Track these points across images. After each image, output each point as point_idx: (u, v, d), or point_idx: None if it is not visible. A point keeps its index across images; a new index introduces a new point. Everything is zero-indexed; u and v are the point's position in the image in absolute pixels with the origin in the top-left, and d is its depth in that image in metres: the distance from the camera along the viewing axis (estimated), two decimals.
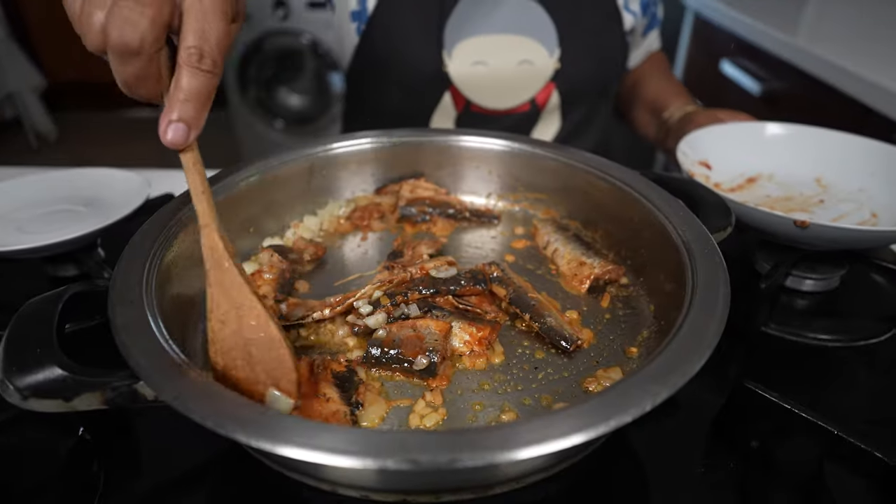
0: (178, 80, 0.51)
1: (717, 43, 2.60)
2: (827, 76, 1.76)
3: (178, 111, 0.51)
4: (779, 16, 2.26)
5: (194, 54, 0.50)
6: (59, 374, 0.46)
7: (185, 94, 0.51)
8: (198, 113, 0.52)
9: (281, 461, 0.49)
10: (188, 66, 0.50)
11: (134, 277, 0.55)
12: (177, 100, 0.51)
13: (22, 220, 0.85)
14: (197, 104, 0.52)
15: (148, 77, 0.51)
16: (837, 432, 0.54)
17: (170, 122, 0.52)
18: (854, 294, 0.84)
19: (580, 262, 0.74)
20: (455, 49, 1.10)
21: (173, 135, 0.52)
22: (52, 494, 0.56)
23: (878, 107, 1.58)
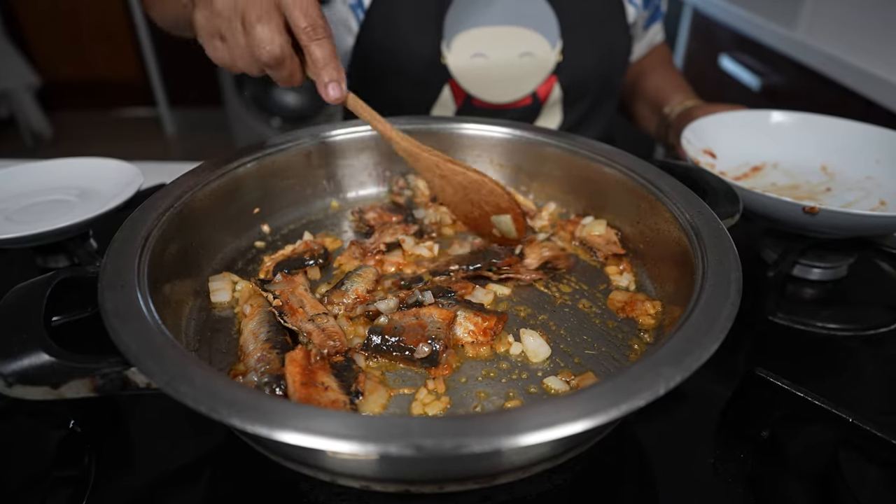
0: (310, 55, 0.66)
1: (717, 38, 2.60)
2: (827, 69, 1.75)
3: (325, 75, 0.67)
4: (777, 10, 2.26)
5: (310, 30, 0.64)
6: (45, 359, 0.44)
7: (322, 60, 0.66)
8: (337, 69, 0.67)
9: (278, 449, 0.47)
10: (312, 41, 0.65)
11: (125, 262, 0.53)
12: (319, 68, 0.67)
13: (11, 210, 0.83)
14: (333, 63, 0.67)
15: (294, 69, 0.67)
16: (853, 420, 0.52)
17: (325, 85, 0.68)
18: (862, 283, 0.82)
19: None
20: (454, 41, 1.08)
21: (333, 92, 0.68)
22: (43, 488, 0.54)
23: (878, 99, 1.57)
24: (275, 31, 0.63)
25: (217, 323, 0.64)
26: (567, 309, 0.67)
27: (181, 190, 0.66)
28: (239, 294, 0.66)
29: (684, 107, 1.18)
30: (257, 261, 0.74)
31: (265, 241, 0.78)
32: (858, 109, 1.67)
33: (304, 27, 0.64)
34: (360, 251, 0.72)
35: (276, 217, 0.80)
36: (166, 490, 0.54)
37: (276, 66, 0.65)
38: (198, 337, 0.61)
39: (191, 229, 0.66)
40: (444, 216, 0.81)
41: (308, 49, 0.65)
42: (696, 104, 1.18)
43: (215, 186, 0.70)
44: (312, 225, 0.82)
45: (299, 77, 0.68)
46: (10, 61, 4.68)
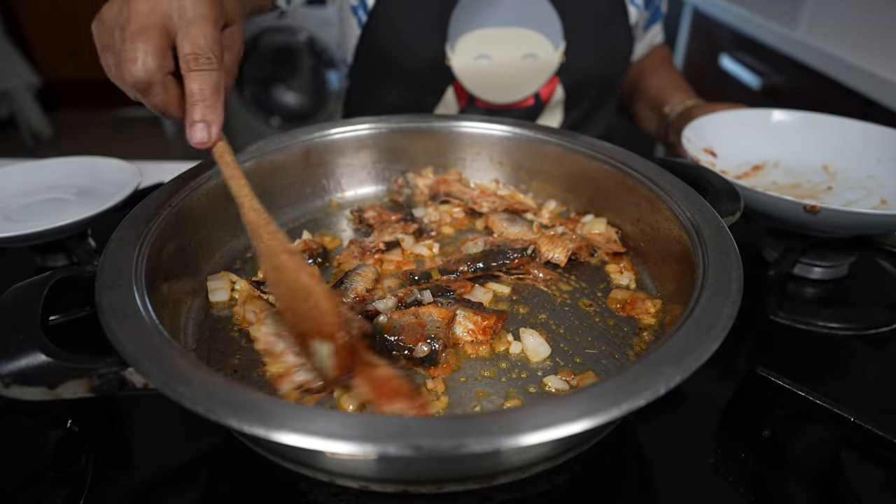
0: (187, 88, 0.57)
1: (717, 37, 2.60)
2: (828, 69, 1.74)
3: (194, 114, 0.58)
4: (778, 9, 2.26)
5: (191, 59, 0.56)
6: (42, 360, 0.44)
7: (196, 95, 0.57)
8: (212, 109, 0.58)
9: (276, 449, 0.47)
10: (189, 72, 0.57)
11: (123, 262, 0.53)
12: (191, 104, 0.57)
13: (9, 209, 0.83)
14: (209, 101, 0.58)
15: (170, 100, 0.59)
16: (855, 419, 0.52)
17: (192, 124, 0.58)
18: (863, 282, 0.82)
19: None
20: (458, 42, 1.08)
21: (198, 134, 0.59)
22: (40, 488, 0.54)
23: (879, 98, 1.57)
24: (148, 53, 0.55)
25: (215, 322, 0.64)
26: (567, 308, 0.67)
27: (179, 189, 0.66)
28: (237, 293, 0.66)
29: (685, 106, 1.17)
30: (255, 260, 0.74)
31: None
32: (859, 109, 1.66)
33: (185, 53, 0.56)
34: (360, 250, 0.72)
35: (274, 216, 0.78)
36: (164, 490, 0.54)
37: (142, 90, 0.57)
38: (196, 336, 0.61)
39: (189, 228, 0.66)
40: (443, 215, 0.80)
41: (186, 79, 0.57)
42: (696, 103, 1.18)
43: (213, 185, 0.69)
44: (311, 224, 0.82)
45: (174, 109, 0.60)
46: (10, 61, 4.69)
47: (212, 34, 0.57)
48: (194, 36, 0.56)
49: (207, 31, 0.57)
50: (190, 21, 0.56)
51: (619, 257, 0.73)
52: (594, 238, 0.75)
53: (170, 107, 0.59)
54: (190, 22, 0.56)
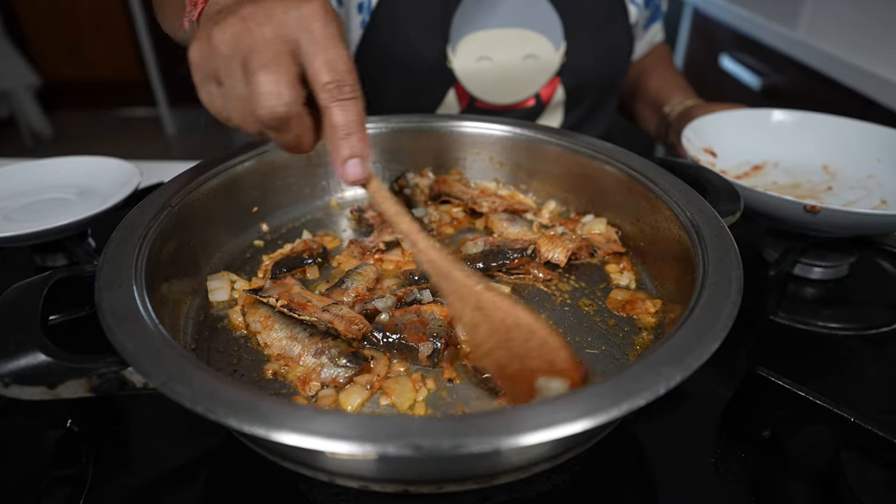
0: (330, 120, 0.51)
1: (717, 37, 2.60)
2: (827, 69, 1.75)
3: (345, 149, 0.51)
4: (778, 9, 2.26)
5: (334, 88, 0.50)
6: (42, 359, 0.44)
7: (344, 129, 0.51)
8: (362, 141, 0.52)
9: (276, 449, 0.47)
10: (333, 102, 0.50)
11: (123, 261, 0.53)
12: (339, 138, 0.51)
13: (9, 208, 0.83)
14: (359, 133, 0.52)
15: (305, 133, 0.53)
16: (854, 419, 0.52)
17: (344, 161, 0.52)
18: (863, 282, 0.82)
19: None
20: (460, 44, 1.08)
21: (353, 171, 0.52)
22: (39, 488, 0.53)
23: (879, 98, 1.57)
24: (283, 84, 0.48)
25: (215, 322, 0.64)
26: (567, 308, 0.67)
27: (179, 188, 0.66)
28: (237, 294, 0.66)
29: (684, 106, 1.18)
30: (256, 260, 0.74)
31: (264, 240, 0.78)
32: (860, 109, 1.66)
33: (325, 83, 0.50)
34: (360, 250, 0.72)
35: (274, 216, 0.80)
36: (164, 490, 0.54)
37: (278, 126, 0.51)
38: (196, 336, 0.61)
39: (189, 228, 0.66)
40: (443, 215, 0.80)
41: (328, 112, 0.50)
42: (696, 103, 1.18)
43: (214, 185, 0.70)
44: (311, 224, 0.82)
45: (309, 143, 0.54)
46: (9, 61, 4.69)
47: (346, 59, 0.50)
48: (333, 61, 0.50)
49: (342, 53, 0.50)
50: (323, 45, 0.49)
51: (619, 257, 0.74)
52: (594, 238, 0.75)
53: (305, 141, 0.54)
54: (323, 46, 0.49)
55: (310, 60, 0.50)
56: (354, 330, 0.58)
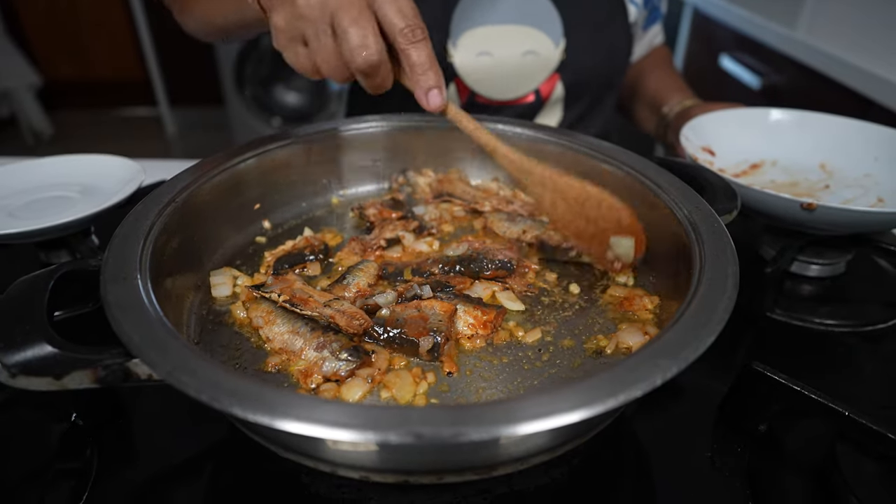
0: (408, 60, 0.61)
1: (717, 37, 2.61)
2: (827, 69, 1.75)
3: (424, 82, 0.62)
4: (778, 9, 2.26)
5: (408, 32, 0.59)
6: (48, 350, 0.45)
7: (422, 66, 0.61)
8: (437, 74, 0.63)
9: (279, 439, 0.47)
10: (410, 44, 0.60)
11: (127, 255, 0.54)
12: (418, 74, 0.62)
13: (13, 206, 0.83)
14: (433, 68, 0.62)
15: (388, 73, 0.62)
16: (849, 414, 0.53)
17: (426, 92, 0.63)
18: (860, 279, 0.83)
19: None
20: (460, 39, 1.09)
21: (434, 100, 0.64)
22: (44, 481, 0.54)
23: (878, 98, 1.58)
24: (370, 35, 0.57)
25: (218, 316, 0.65)
26: (566, 304, 0.67)
27: (183, 185, 0.67)
28: (239, 289, 0.67)
29: (683, 106, 1.18)
30: (258, 256, 0.75)
31: (266, 237, 0.79)
32: (859, 109, 1.67)
33: (401, 28, 0.59)
34: (361, 247, 0.73)
35: (276, 213, 0.81)
36: (168, 483, 0.55)
37: (371, 72, 0.60)
38: (199, 330, 0.62)
39: (192, 224, 0.67)
40: (444, 213, 0.81)
41: (406, 53, 0.60)
42: (694, 103, 1.18)
43: (217, 182, 0.70)
44: (313, 221, 0.83)
45: (391, 83, 0.64)
46: (11, 61, 4.70)
47: (413, 7, 0.59)
48: (403, 9, 0.59)
49: (409, 3, 0.59)
50: None
51: None
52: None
53: (389, 80, 0.63)
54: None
55: (384, 12, 0.58)
56: (355, 325, 0.59)
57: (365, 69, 0.59)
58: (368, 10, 0.58)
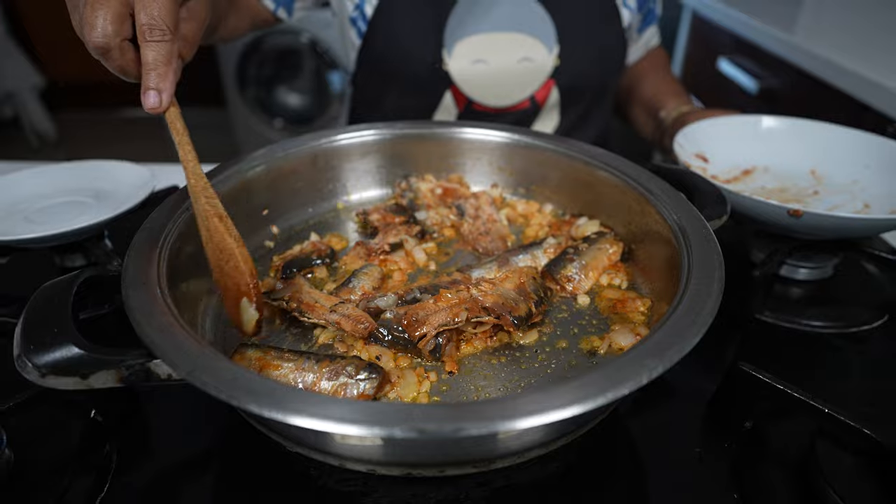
0: (142, 57, 0.61)
1: (715, 41, 2.63)
2: (824, 74, 1.78)
3: (148, 81, 0.61)
4: (776, 14, 2.29)
5: (146, 30, 0.59)
6: (75, 352, 0.48)
7: (150, 65, 0.61)
8: (163, 78, 0.61)
9: (289, 434, 0.51)
10: (144, 42, 0.60)
11: (145, 262, 0.57)
12: (145, 72, 0.61)
13: (29, 210, 0.87)
14: (161, 70, 0.61)
15: (127, 63, 0.62)
16: (829, 411, 0.56)
17: (145, 91, 0.61)
18: (847, 282, 0.86)
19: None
20: (455, 48, 1.12)
21: (150, 100, 0.62)
22: (67, 475, 0.57)
23: (873, 103, 1.60)
24: (106, 19, 0.59)
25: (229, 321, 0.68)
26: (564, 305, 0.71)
27: None
28: None
29: (679, 112, 1.21)
30: (267, 260, 0.78)
31: (274, 241, 0.82)
32: (854, 112, 1.70)
33: (141, 24, 0.59)
34: (365, 251, 0.76)
35: (284, 218, 0.84)
36: (182, 475, 0.58)
37: (101, 54, 0.61)
38: (213, 331, 0.65)
39: None
40: (444, 218, 0.84)
41: (142, 48, 0.60)
42: (690, 109, 1.21)
43: (227, 189, 0.74)
44: (319, 226, 0.86)
45: (133, 72, 0.63)
46: (14, 62, 4.72)
47: (167, 6, 0.60)
48: (150, 8, 0.59)
49: (163, 3, 0.60)
50: None
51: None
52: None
53: (128, 70, 0.63)
54: None
55: (135, 6, 0.60)
56: (361, 329, 0.61)
57: (94, 49, 0.60)
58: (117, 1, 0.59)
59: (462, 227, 0.82)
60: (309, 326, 0.67)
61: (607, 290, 0.72)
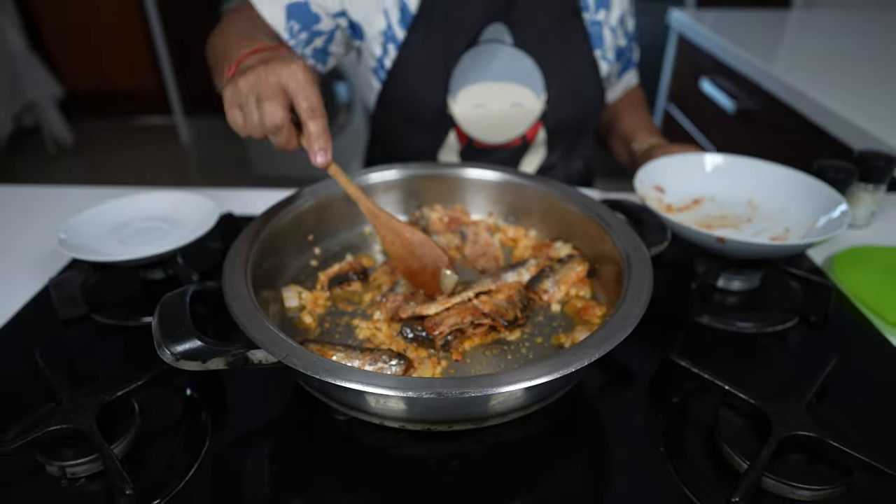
0: (307, 129, 0.85)
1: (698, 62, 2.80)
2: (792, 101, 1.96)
3: (316, 145, 0.85)
4: (757, 42, 2.44)
5: (308, 111, 0.83)
6: (198, 344, 0.65)
7: (314, 135, 0.85)
8: (327, 142, 0.86)
9: (344, 399, 0.72)
10: (310, 119, 0.84)
11: (238, 280, 0.78)
12: (313, 139, 0.85)
13: (122, 235, 1.07)
14: (324, 137, 0.85)
15: (290, 137, 0.86)
16: (728, 388, 0.76)
17: (315, 152, 0.86)
18: (770, 292, 1.03)
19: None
20: (459, 95, 1.33)
21: (321, 159, 0.86)
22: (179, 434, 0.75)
23: (831, 130, 1.79)
24: (278, 107, 0.81)
25: (291, 321, 0.89)
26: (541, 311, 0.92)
27: (263, 224, 0.91)
28: (304, 300, 0.92)
29: (649, 144, 1.41)
30: (314, 276, 0.99)
31: (317, 261, 1.03)
32: (814, 136, 1.87)
33: (304, 108, 0.82)
34: (391, 269, 0.98)
35: (324, 242, 1.05)
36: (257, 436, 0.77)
37: (274, 133, 0.83)
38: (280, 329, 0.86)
39: (269, 253, 0.91)
40: (450, 241, 1.05)
41: (306, 124, 0.83)
42: (658, 143, 1.41)
43: (286, 221, 0.94)
44: (352, 247, 1.07)
45: (294, 144, 0.87)
46: (35, 73, 4.88)
47: (316, 93, 0.83)
48: (308, 96, 0.82)
49: (314, 91, 0.83)
50: (302, 86, 0.82)
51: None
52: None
53: (291, 142, 0.86)
54: (302, 87, 0.82)
55: (294, 95, 0.82)
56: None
57: (272, 130, 0.82)
58: (282, 92, 0.81)
59: (464, 249, 1.04)
60: (350, 327, 0.88)
61: (575, 299, 0.93)
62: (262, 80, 0.81)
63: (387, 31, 1.30)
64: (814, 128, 1.88)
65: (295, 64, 0.83)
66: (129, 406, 0.76)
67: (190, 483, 0.69)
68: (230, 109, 0.85)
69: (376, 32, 1.31)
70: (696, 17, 2.84)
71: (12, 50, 4.59)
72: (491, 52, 1.31)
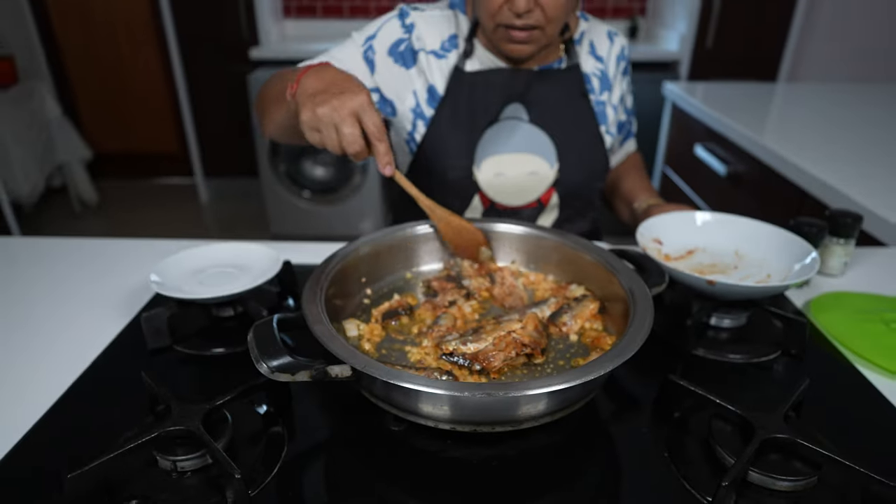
0: (376, 148, 1.03)
1: (692, 130, 3.04)
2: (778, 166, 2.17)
3: (383, 161, 1.05)
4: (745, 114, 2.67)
5: (376, 132, 1.01)
6: (288, 360, 0.78)
7: (382, 152, 1.04)
8: (390, 155, 1.05)
9: (405, 404, 0.86)
10: (377, 141, 1.02)
11: (314, 311, 0.95)
12: (381, 156, 1.04)
13: (201, 277, 1.24)
14: (389, 154, 1.04)
15: (364, 152, 1.02)
16: (719, 402, 0.92)
17: (384, 166, 1.05)
18: (756, 328, 1.19)
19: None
20: (482, 164, 1.53)
21: (388, 171, 1.06)
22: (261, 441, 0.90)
23: (810, 190, 1.99)
24: (356, 131, 0.98)
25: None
26: (561, 341, 1.09)
27: (327, 267, 1.09)
28: (362, 332, 1.08)
29: (648, 204, 1.61)
30: (368, 312, 1.15)
31: (369, 300, 1.20)
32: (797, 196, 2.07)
33: (372, 131, 0.99)
34: (432, 306, 1.15)
35: (374, 284, 1.22)
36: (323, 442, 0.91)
37: (354, 154, 0.99)
38: None
39: (333, 292, 1.08)
40: (481, 284, 1.23)
41: (375, 145, 1.01)
42: (656, 203, 1.61)
43: (342, 266, 1.12)
44: (397, 288, 1.23)
45: (365, 156, 1.03)
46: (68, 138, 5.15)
47: (379, 117, 1.00)
48: (376, 122, 0.99)
49: (379, 117, 1.00)
50: (370, 114, 0.99)
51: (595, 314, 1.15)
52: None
53: (363, 156, 1.02)
54: (370, 115, 0.99)
55: (364, 120, 0.99)
56: None
57: (352, 152, 0.99)
58: (354, 117, 0.97)
59: (493, 290, 1.21)
60: (403, 352, 1.04)
61: (589, 331, 1.09)
62: (337, 109, 0.97)
63: (416, 109, 1.51)
64: (796, 188, 2.08)
65: (363, 94, 0.99)
66: (223, 416, 0.92)
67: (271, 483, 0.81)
68: (309, 131, 1.01)
69: (406, 109, 1.52)
70: (687, 90, 3.09)
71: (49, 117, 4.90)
72: (510, 127, 1.51)
